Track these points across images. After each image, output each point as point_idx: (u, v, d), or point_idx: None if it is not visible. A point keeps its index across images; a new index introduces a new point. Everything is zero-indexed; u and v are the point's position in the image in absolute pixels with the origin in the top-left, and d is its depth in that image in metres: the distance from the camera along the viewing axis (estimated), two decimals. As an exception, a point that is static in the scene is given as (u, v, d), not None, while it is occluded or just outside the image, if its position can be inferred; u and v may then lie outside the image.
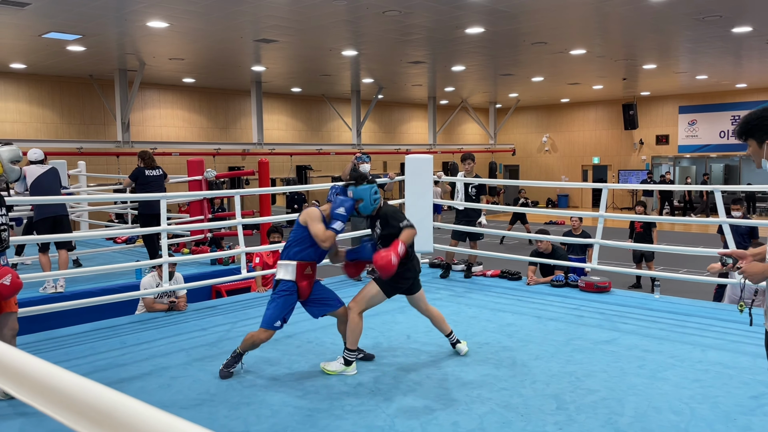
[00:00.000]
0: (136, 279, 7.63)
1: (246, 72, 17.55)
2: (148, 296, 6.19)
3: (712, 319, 5.70)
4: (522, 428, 3.48)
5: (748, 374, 4.27)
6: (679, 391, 3.97)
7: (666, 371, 4.35)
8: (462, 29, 12.11)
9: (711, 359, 4.61)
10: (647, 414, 3.64)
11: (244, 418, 3.67)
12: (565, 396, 3.93)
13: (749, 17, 11.58)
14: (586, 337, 5.22)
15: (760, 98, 23.34)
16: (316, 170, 23.71)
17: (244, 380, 4.29)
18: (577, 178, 28.43)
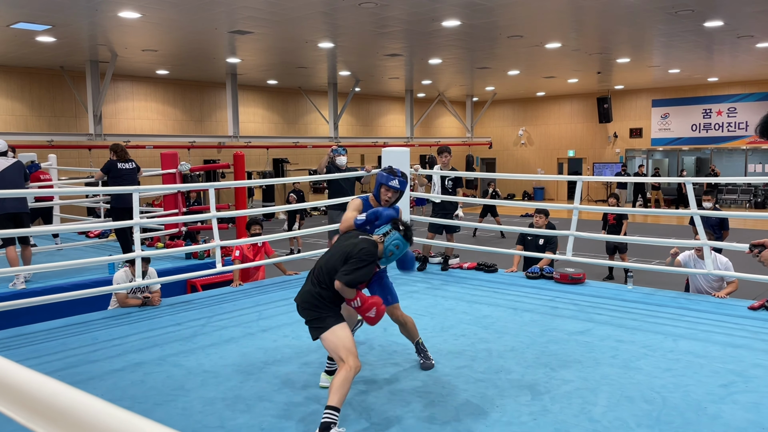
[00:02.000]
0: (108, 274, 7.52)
1: (221, 64, 17.35)
2: (120, 291, 6.10)
3: (684, 310, 5.79)
4: (497, 419, 3.50)
5: (719, 363, 4.35)
6: (651, 381, 4.03)
7: (639, 361, 4.41)
8: (438, 22, 12.10)
9: (682, 349, 4.68)
10: (620, 403, 3.69)
11: (219, 413, 3.64)
12: (540, 386, 3.97)
13: (721, 12, 11.75)
14: (560, 328, 5.27)
15: (731, 92, 23.75)
16: (293, 163, 23.57)
17: (219, 375, 4.25)
18: (552, 170, 28.68)
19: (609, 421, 3.45)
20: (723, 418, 3.47)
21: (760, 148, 23.70)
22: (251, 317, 5.74)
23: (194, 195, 12.46)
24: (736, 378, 4.06)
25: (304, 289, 3.67)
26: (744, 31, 13.59)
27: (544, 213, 7.90)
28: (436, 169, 8.08)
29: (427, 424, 3.46)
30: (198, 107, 21.70)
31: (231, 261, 7.30)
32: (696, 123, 24.78)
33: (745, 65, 19.00)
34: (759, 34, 13.99)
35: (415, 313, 5.78)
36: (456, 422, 3.47)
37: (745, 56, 17.12)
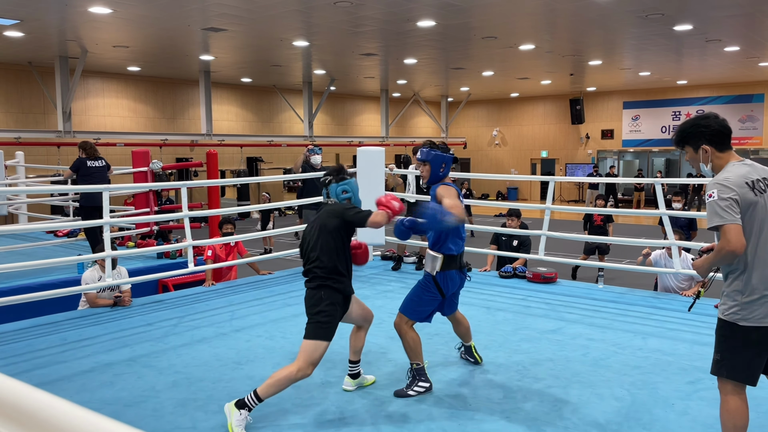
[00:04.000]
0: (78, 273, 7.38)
1: (194, 61, 17.16)
2: (90, 291, 5.99)
3: (653, 308, 5.90)
4: (470, 417, 3.53)
5: (686, 360, 4.44)
6: (620, 378, 4.10)
7: (609, 359, 4.48)
8: (413, 22, 12.14)
9: (651, 347, 4.77)
10: (590, 401, 3.75)
11: (191, 414, 3.60)
12: (512, 385, 4.01)
13: (690, 16, 11.98)
14: (532, 326, 5.33)
15: (699, 95, 24.25)
16: (268, 162, 23.42)
17: (191, 376, 4.21)
18: (526, 171, 28.96)
19: (579, 418, 3.50)
20: (690, 414, 3.54)
21: (727, 150, 24.25)
22: (224, 317, 5.69)
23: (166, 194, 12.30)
24: (702, 375, 4.15)
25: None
26: (712, 35, 13.89)
27: (516, 215, 7.98)
28: (411, 169, 8.09)
29: (400, 423, 3.47)
30: (170, 105, 21.43)
31: (203, 261, 7.23)
32: (666, 125, 25.25)
33: (714, 68, 19.42)
34: (726, 38, 14.31)
35: (390, 313, 5.79)
36: (429, 421, 3.48)
37: (713, 59, 17.50)
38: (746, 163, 2.82)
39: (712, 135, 2.85)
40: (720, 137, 2.85)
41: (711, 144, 2.85)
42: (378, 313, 5.79)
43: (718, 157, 2.85)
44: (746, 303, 2.73)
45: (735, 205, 2.69)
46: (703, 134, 2.86)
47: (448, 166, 4.03)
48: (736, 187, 2.71)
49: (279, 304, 6.20)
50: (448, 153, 4.04)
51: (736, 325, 2.74)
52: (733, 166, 2.80)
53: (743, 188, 2.71)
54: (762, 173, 2.81)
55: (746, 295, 2.73)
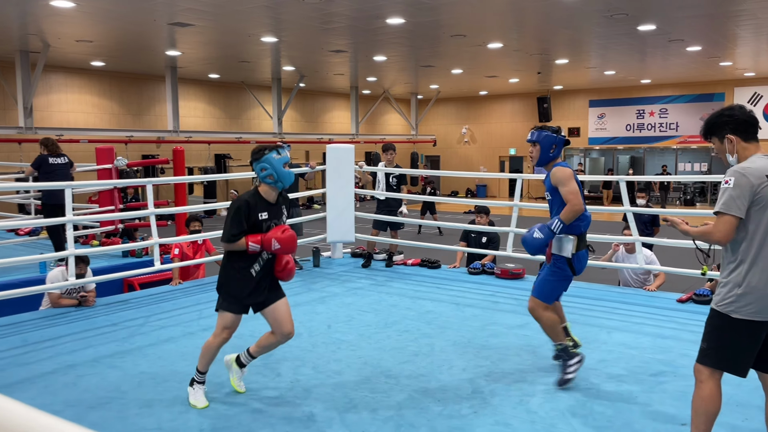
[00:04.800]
0: (40, 273, 7.22)
1: (160, 56, 16.86)
2: (53, 291, 5.86)
3: (617, 303, 6.02)
4: (439, 413, 3.55)
5: (649, 353, 4.54)
6: (586, 372, 4.17)
7: (575, 353, 4.55)
8: (383, 19, 12.12)
9: (615, 340, 4.87)
10: (557, 394, 3.80)
11: (158, 415, 3.55)
12: (481, 380, 4.04)
13: (653, 16, 12.22)
14: (501, 322, 5.39)
15: (662, 93, 24.76)
16: (236, 159, 23.16)
17: (157, 376, 4.15)
18: (494, 168, 29.20)
19: (546, 411, 3.56)
20: (652, 407, 3.62)
21: (690, 148, 24.82)
22: (191, 316, 5.62)
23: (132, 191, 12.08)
24: (665, 368, 4.24)
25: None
26: (675, 35, 14.19)
27: (484, 212, 8.04)
28: (380, 166, 8.10)
29: (369, 419, 3.47)
30: (136, 101, 21.04)
31: (170, 259, 7.12)
32: (630, 123, 25.72)
33: (676, 68, 19.85)
34: (688, 38, 14.64)
35: (359, 310, 5.80)
36: (398, 417, 3.50)
37: (676, 59, 17.88)
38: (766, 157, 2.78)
39: (737, 124, 2.80)
40: (745, 126, 2.80)
41: (736, 133, 2.80)
42: (347, 310, 5.81)
43: (743, 148, 2.80)
44: (741, 296, 2.71)
45: (746, 197, 2.67)
46: (727, 124, 2.82)
47: (559, 148, 4.03)
48: (755, 178, 2.68)
49: (247, 302, 6.14)
50: (560, 135, 4.04)
51: (728, 316, 2.74)
52: (759, 158, 2.76)
53: (761, 180, 2.68)
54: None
55: (743, 288, 2.71)
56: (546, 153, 4.02)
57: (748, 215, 2.71)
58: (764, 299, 2.69)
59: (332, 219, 7.92)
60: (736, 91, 23.06)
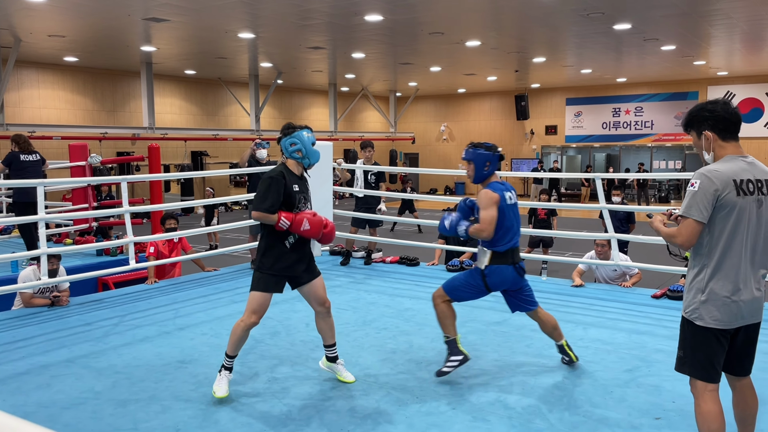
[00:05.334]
0: (12, 272, 7.08)
1: (135, 52, 16.63)
2: (25, 291, 5.75)
3: (593, 299, 6.08)
4: (417, 410, 3.56)
5: (624, 349, 4.60)
6: (562, 368, 4.21)
7: (551, 349, 4.58)
8: (361, 16, 12.09)
9: (591, 336, 4.92)
10: (534, 390, 3.83)
11: (132, 415, 3.51)
12: (458, 376, 4.06)
13: (629, 15, 12.36)
14: (479, 319, 5.41)
15: (638, 92, 25.07)
16: (213, 156, 22.96)
17: (132, 376, 4.09)
18: (473, 166, 29.31)
19: (523, 407, 3.58)
20: (627, 401, 3.67)
21: (664, 146, 25.18)
22: (167, 315, 5.56)
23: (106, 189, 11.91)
24: (639, 363, 4.30)
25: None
26: (650, 34, 14.37)
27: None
28: (359, 163, 8.08)
29: (347, 416, 3.47)
30: (110, 97, 20.72)
31: (145, 257, 7.03)
32: (606, 121, 26.01)
33: (651, 66, 20.11)
34: (663, 37, 14.84)
35: (337, 308, 5.77)
36: (376, 414, 3.50)
37: (651, 58, 18.12)
38: (746, 160, 2.68)
39: (716, 121, 2.69)
40: (725, 124, 2.69)
41: (714, 130, 2.70)
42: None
43: (720, 146, 2.70)
44: (704, 302, 2.67)
45: (710, 202, 2.59)
46: (707, 119, 2.71)
47: (493, 165, 4.04)
48: (720, 183, 2.59)
49: (225, 301, 6.09)
50: (494, 152, 4.05)
51: (694, 323, 2.70)
52: (731, 160, 2.66)
53: (728, 186, 2.59)
54: (759, 174, 2.66)
55: (705, 294, 2.67)
56: (480, 170, 4.05)
57: (713, 220, 2.63)
58: (728, 306, 2.64)
59: (310, 216, 7.88)
60: (709, 89, 23.44)
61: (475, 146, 4.08)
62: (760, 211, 2.66)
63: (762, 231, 2.69)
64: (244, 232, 12.90)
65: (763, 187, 2.66)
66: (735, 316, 2.67)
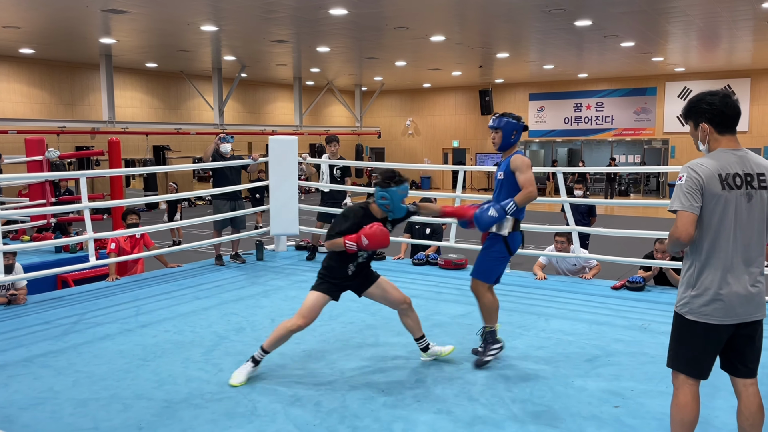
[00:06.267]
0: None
1: (94, 44, 16.23)
2: (-21, 289, 5.58)
3: (555, 291, 6.20)
4: (383, 403, 3.58)
5: (585, 340, 4.70)
6: (525, 359, 4.29)
7: (514, 340, 4.67)
8: (325, 10, 12.03)
9: (553, 327, 5.02)
10: (497, 381, 3.90)
11: (93, 414, 3.45)
12: (424, 370, 4.10)
13: (589, 12, 12.58)
14: (444, 312, 5.47)
15: (599, 87, 25.55)
16: (176, 151, 22.59)
17: (92, 375, 4.02)
18: (438, 160, 29.51)
19: (487, 398, 3.64)
20: (588, 390, 3.76)
21: (624, 141, 25.73)
22: (129, 312, 5.47)
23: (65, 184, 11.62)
24: (599, 353, 4.41)
25: None
26: (610, 31, 14.66)
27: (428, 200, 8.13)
28: (324, 158, 8.06)
29: (313, 411, 3.47)
30: (68, 90, 20.20)
31: (106, 254, 6.90)
32: (568, 116, 26.45)
33: (611, 63, 20.51)
34: (623, 34, 15.15)
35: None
36: (342, 409, 3.51)
37: (611, 54, 18.48)
38: (737, 153, 2.66)
39: (713, 115, 2.68)
40: (721, 118, 2.68)
41: (710, 123, 2.69)
42: (292, 304, 5.77)
43: (715, 139, 2.69)
44: (695, 297, 2.66)
45: (698, 193, 2.59)
46: (704, 111, 2.70)
47: (519, 134, 4.26)
48: (705, 176, 2.59)
49: (188, 297, 6.02)
50: (520, 122, 4.27)
51: (684, 317, 2.70)
52: (720, 153, 2.66)
53: (712, 179, 2.59)
54: (750, 168, 2.64)
55: (695, 290, 2.67)
56: (507, 138, 4.24)
57: (701, 214, 2.63)
58: (717, 301, 2.63)
59: (276, 212, 7.84)
60: (667, 85, 24.04)
61: (503, 115, 4.29)
62: (751, 205, 2.62)
63: (755, 225, 2.64)
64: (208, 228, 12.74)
65: (753, 181, 2.62)
66: (725, 312, 2.63)
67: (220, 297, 6.02)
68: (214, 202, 7.67)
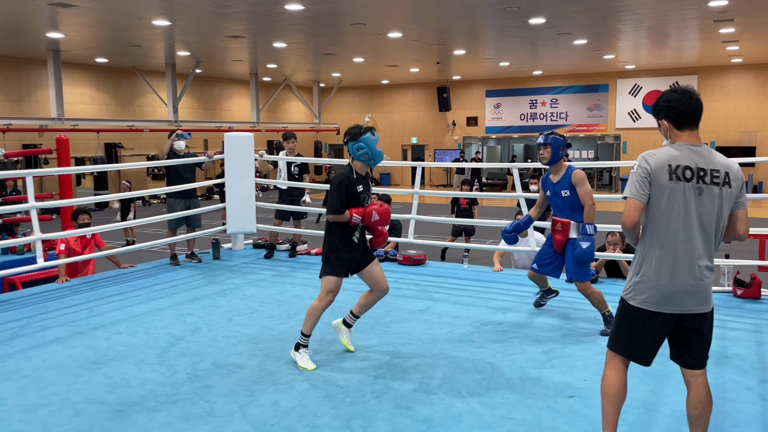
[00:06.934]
0: None
1: (40, 39, 15.68)
2: None
3: (512, 285, 6.29)
4: (342, 400, 3.57)
5: (540, 332, 4.79)
6: (482, 352, 4.34)
7: (472, 335, 4.73)
8: (281, 5, 11.90)
9: (510, 321, 5.09)
10: (455, 375, 3.93)
11: (42, 420, 3.34)
12: (383, 366, 4.11)
13: (543, 9, 12.78)
14: (403, 307, 5.49)
15: (553, 84, 26.00)
16: (128, 148, 22.04)
17: (41, 380, 3.89)
18: (397, 157, 29.58)
19: (444, 392, 3.67)
20: (543, 382, 3.83)
21: (579, 136, 26.26)
22: (80, 315, 5.32)
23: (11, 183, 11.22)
24: (555, 345, 4.49)
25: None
26: (563, 29, 14.92)
27: (386, 201, 8.15)
28: (282, 155, 7.98)
29: (271, 410, 3.44)
30: (14, 86, 19.47)
31: (56, 255, 6.69)
32: (524, 112, 26.85)
33: (565, 60, 20.89)
34: (576, 32, 15.44)
35: (261, 302, 5.72)
36: (301, 407, 3.49)
37: (565, 51, 18.82)
38: (694, 148, 2.71)
39: (669, 112, 2.76)
40: (677, 114, 2.75)
41: (668, 120, 2.77)
42: (249, 302, 5.72)
43: (675, 135, 2.77)
44: (637, 283, 2.74)
45: (645, 182, 2.67)
46: (662, 108, 2.79)
47: (565, 149, 4.83)
48: (654, 165, 2.67)
49: (142, 298, 5.89)
50: (565, 139, 4.86)
51: (626, 302, 2.78)
52: (677, 146, 2.73)
53: (661, 169, 2.66)
54: (704, 164, 2.67)
55: (638, 276, 2.74)
56: (556, 153, 4.80)
57: (648, 203, 2.71)
58: (657, 289, 2.69)
59: (232, 210, 7.74)
60: (618, 82, 24.62)
61: (552, 133, 4.85)
62: (700, 200, 2.66)
63: (705, 219, 2.67)
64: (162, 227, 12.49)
65: (705, 176, 2.66)
66: (665, 300, 2.69)
67: (176, 297, 5.91)
68: (168, 201, 7.52)
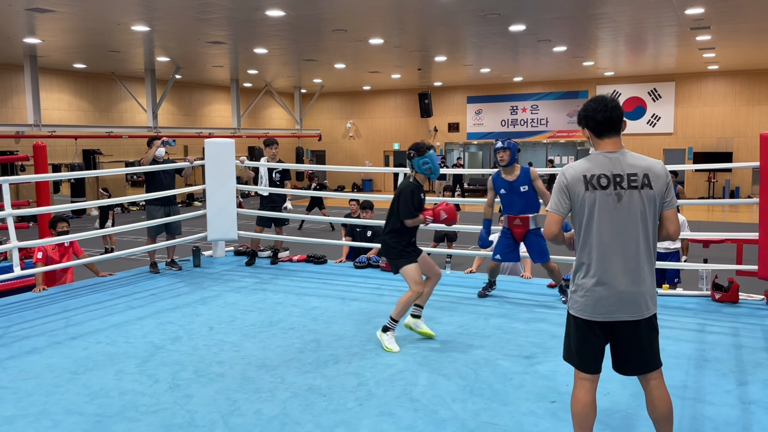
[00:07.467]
0: None
1: (17, 44, 15.48)
2: None
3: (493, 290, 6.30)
4: (324, 408, 3.55)
5: (522, 337, 4.81)
6: (465, 358, 4.34)
7: (454, 341, 4.73)
8: (262, 11, 11.88)
9: (492, 325, 5.11)
10: (438, 382, 3.93)
11: (19, 433, 3.28)
12: (366, 372, 4.09)
13: (523, 17, 12.91)
14: (385, 314, 5.44)
15: (533, 90, 26.24)
16: (107, 155, 21.80)
17: (19, 391, 3.82)
18: (380, 163, 29.63)
19: (428, 399, 3.66)
20: (526, 387, 3.84)
21: (559, 142, 26.52)
22: (58, 324, 5.23)
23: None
24: (536, 350, 4.51)
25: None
26: (543, 36, 15.08)
27: (369, 207, 8.15)
28: (263, 161, 7.94)
29: (253, 419, 3.41)
30: (-10, 92, 19.20)
31: (33, 264, 6.58)
32: (505, 119, 27.05)
33: (545, 66, 21.10)
34: (555, 39, 15.61)
35: (242, 309, 5.68)
36: (283, 416, 3.46)
37: (545, 58, 19.01)
38: (610, 155, 2.73)
39: (588, 120, 2.81)
40: (594, 123, 2.78)
41: (588, 129, 2.82)
42: (231, 310, 5.67)
43: (597, 143, 2.81)
44: (573, 292, 2.79)
45: (564, 194, 2.74)
46: (583, 118, 2.84)
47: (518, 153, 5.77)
48: (570, 178, 2.73)
49: (121, 307, 5.82)
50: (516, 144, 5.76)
51: (568, 312, 2.84)
52: (594, 156, 2.77)
53: (576, 181, 2.71)
54: (620, 169, 2.70)
55: (574, 285, 2.80)
56: (513, 155, 5.68)
57: (573, 215, 2.78)
58: (591, 297, 2.71)
59: (213, 216, 7.69)
60: (597, 88, 24.92)
61: (508, 140, 5.77)
62: (620, 205, 2.67)
63: (630, 225, 2.68)
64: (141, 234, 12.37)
65: (622, 182, 2.68)
66: (595, 309, 2.71)
67: (156, 306, 5.84)
68: (147, 208, 7.44)
